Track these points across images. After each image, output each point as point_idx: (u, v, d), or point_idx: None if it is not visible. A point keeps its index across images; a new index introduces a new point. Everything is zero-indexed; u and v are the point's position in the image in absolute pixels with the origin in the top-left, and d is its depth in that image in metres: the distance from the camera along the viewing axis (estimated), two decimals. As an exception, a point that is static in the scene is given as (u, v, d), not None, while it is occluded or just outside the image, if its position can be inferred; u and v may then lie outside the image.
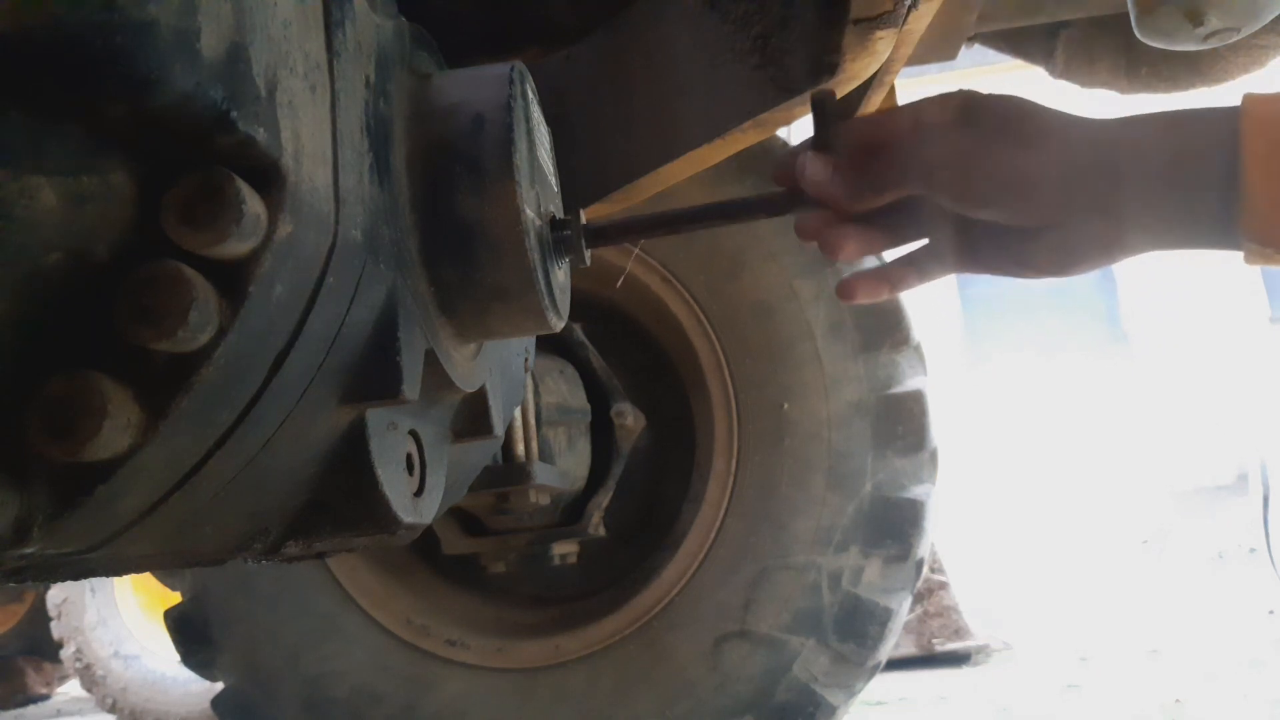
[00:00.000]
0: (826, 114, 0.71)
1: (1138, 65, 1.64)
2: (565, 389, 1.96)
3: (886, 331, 1.82)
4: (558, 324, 0.67)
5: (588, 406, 2.03)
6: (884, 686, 3.17)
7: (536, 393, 1.84)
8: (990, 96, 0.66)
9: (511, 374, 0.85)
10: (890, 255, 0.81)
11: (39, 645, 3.95)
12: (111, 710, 3.57)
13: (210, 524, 0.52)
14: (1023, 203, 0.63)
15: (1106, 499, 7.48)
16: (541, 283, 0.63)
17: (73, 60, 0.35)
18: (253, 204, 0.40)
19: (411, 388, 0.55)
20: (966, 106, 0.66)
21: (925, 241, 0.75)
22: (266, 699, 1.84)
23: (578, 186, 0.99)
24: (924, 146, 0.66)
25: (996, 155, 0.63)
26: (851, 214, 0.71)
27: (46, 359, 0.38)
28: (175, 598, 1.88)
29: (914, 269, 0.76)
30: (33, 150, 0.36)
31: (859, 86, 0.93)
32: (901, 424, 1.81)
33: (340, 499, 0.56)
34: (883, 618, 1.80)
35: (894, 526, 1.79)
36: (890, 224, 0.73)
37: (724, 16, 0.91)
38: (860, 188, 0.68)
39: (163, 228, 0.39)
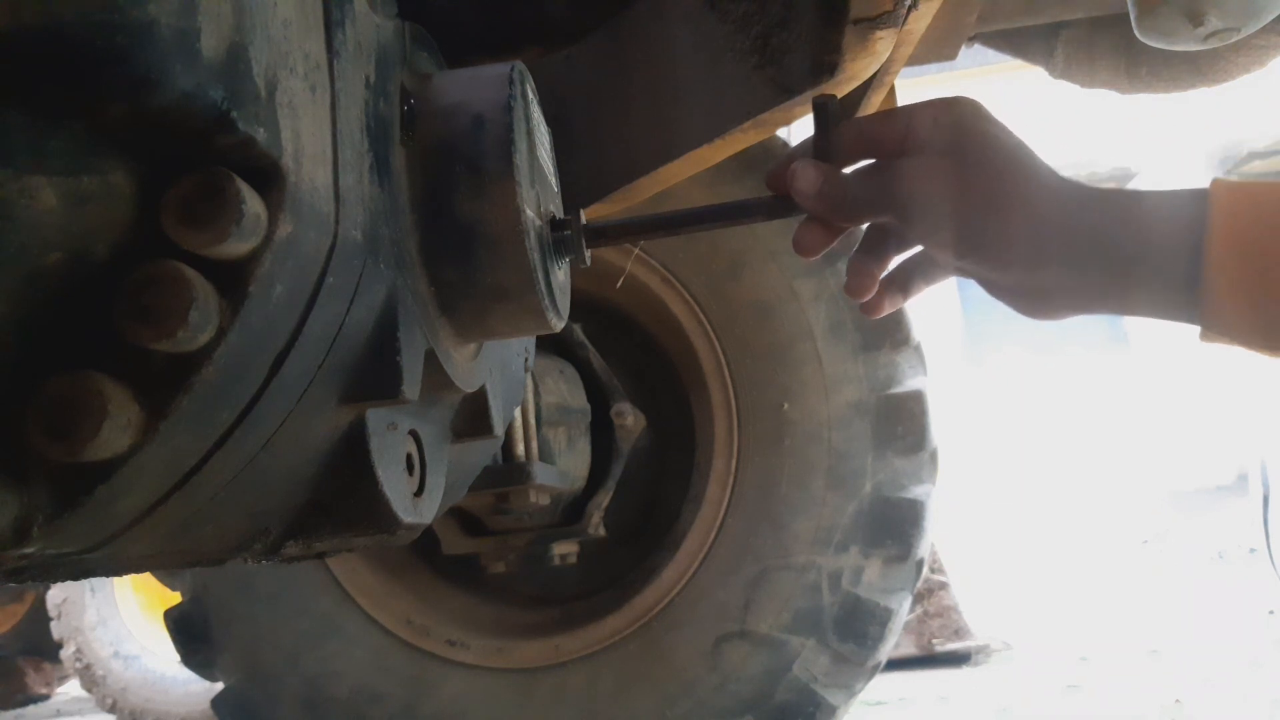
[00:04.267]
0: (828, 120, 0.70)
1: (1138, 65, 1.64)
2: (565, 389, 1.96)
3: (886, 331, 1.82)
4: (558, 324, 0.67)
5: (588, 406, 2.03)
6: (884, 686, 3.17)
7: (536, 393, 1.84)
8: (981, 133, 0.64)
9: (511, 374, 0.85)
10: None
11: (39, 645, 3.94)
12: (111, 710, 3.56)
13: (210, 524, 0.52)
14: (985, 263, 0.65)
15: (1106, 499, 7.48)
16: (541, 283, 0.63)
17: (73, 60, 0.35)
18: (253, 204, 0.40)
19: (411, 388, 0.55)
20: (957, 135, 0.64)
21: None
22: (266, 699, 1.84)
23: (578, 186, 0.99)
24: (901, 179, 0.66)
25: (967, 212, 0.63)
26: (840, 226, 0.71)
27: (46, 359, 0.38)
28: (175, 598, 1.88)
29: (919, 274, 0.76)
30: (33, 150, 0.36)
31: (859, 86, 0.93)
32: (901, 424, 1.81)
33: (340, 499, 0.56)
34: (883, 618, 1.80)
35: (894, 526, 1.79)
36: (897, 232, 0.74)
37: (724, 16, 0.91)
38: (841, 208, 0.68)
39: (163, 228, 0.39)
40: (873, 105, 1.29)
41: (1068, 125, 10.47)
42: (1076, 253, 0.61)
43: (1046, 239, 0.62)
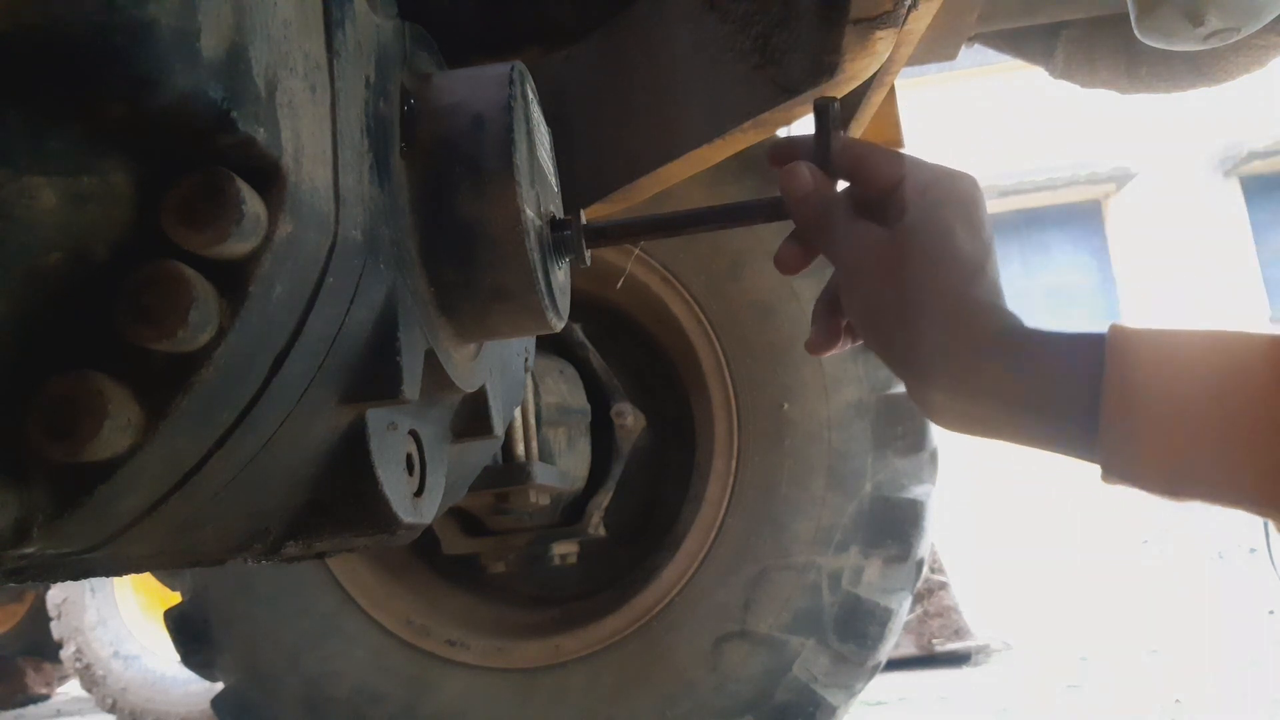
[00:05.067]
0: (828, 123, 0.70)
1: (1138, 65, 1.64)
2: (565, 389, 1.96)
3: (886, 331, 1.81)
4: (558, 324, 0.67)
5: (588, 406, 2.03)
6: (884, 686, 3.17)
7: (536, 393, 1.84)
8: (945, 229, 0.63)
9: (511, 374, 0.85)
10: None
11: (39, 645, 3.94)
12: (111, 710, 3.56)
13: (210, 524, 0.52)
14: (883, 359, 0.66)
15: (1107, 498, 7.48)
16: (541, 283, 0.63)
17: (73, 60, 0.35)
18: (253, 204, 0.40)
19: (411, 388, 0.55)
20: (924, 221, 0.64)
21: None
22: (266, 699, 1.84)
23: (578, 186, 0.99)
24: (852, 238, 0.65)
25: (882, 308, 0.64)
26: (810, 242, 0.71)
27: (46, 359, 0.38)
28: (175, 598, 1.88)
29: None
30: (33, 150, 0.36)
31: (859, 86, 0.93)
32: (901, 424, 1.81)
33: (340, 499, 0.56)
34: (883, 618, 1.80)
35: (894, 526, 1.79)
36: None
37: (724, 16, 0.91)
38: (817, 224, 0.68)
39: (163, 228, 0.39)
40: (873, 105, 1.29)
41: (1068, 125, 10.46)
42: (969, 384, 0.61)
43: (940, 364, 0.62)
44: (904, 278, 0.63)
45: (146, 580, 3.60)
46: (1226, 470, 0.54)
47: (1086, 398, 0.57)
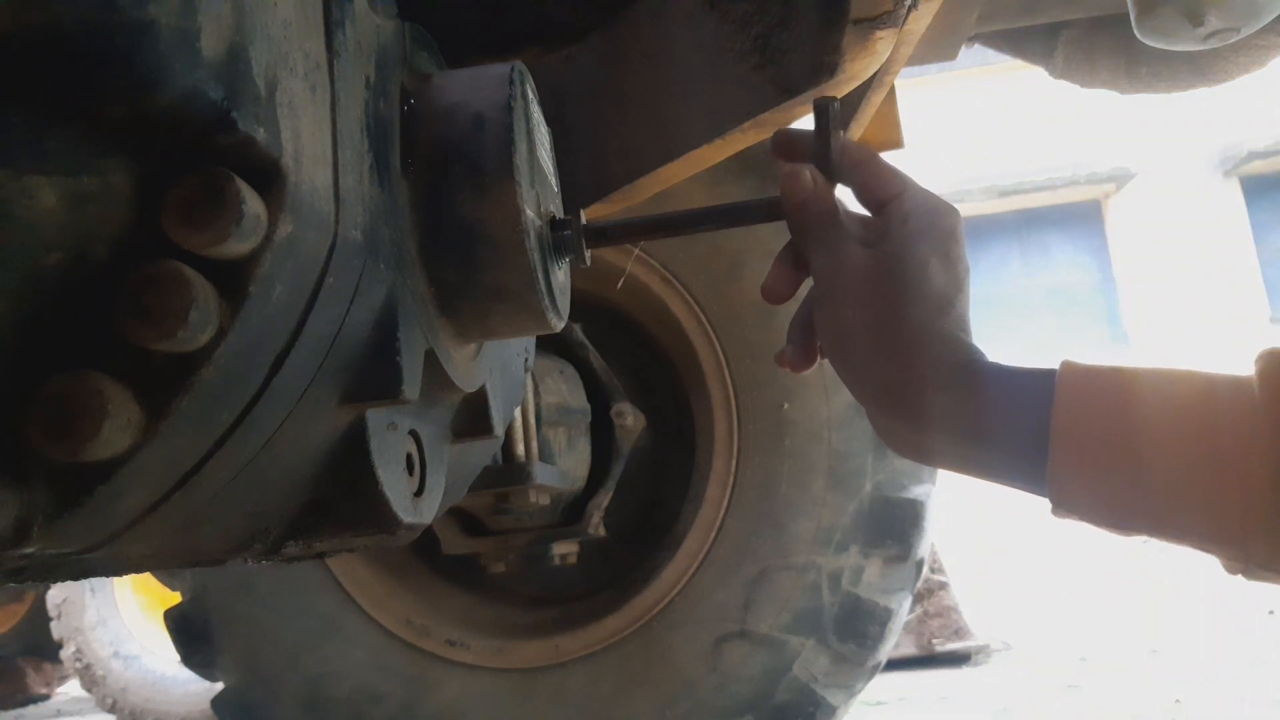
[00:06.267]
0: (828, 123, 0.70)
1: (1138, 65, 1.64)
2: (565, 389, 1.96)
3: (886, 331, 1.81)
4: (558, 324, 0.67)
5: (588, 406, 2.03)
6: (884, 686, 3.18)
7: (536, 393, 1.84)
8: (919, 261, 0.63)
9: (511, 374, 0.85)
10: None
11: (39, 645, 3.95)
12: (111, 710, 3.57)
13: (210, 524, 0.52)
14: (847, 385, 0.66)
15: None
16: (542, 283, 0.63)
17: (73, 60, 0.35)
18: (253, 204, 0.40)
19: (411, 388, 0.55)
20: (902, 248, 0.64)
21: None
22: (266, 699, 1.84)
23: (578, 186, 0.99)
24: (838, 262, 0.65)
25: (847, 334, 0.64)
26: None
27: (46, 359, 0.38)
28: (175, 598, 1.88)
29: None
30: (33, 150, 0.36)
31: (859, 86, 0.93)
32: (901, 424, 1.80)
33: (340, 499, 0.56)
34: (883, 618, 1.80)
35: (894, 526, 1.79)
36: None
37: (724, 16, 0.91)
38: (811, 231, 0.68)
39: (163, 228, 0.39)
40: (873, 105, 1.29)
41: (1068, 125, 10.46)
42: (924, 415, 0.62)
43: (897, 392, 0.63)
44: (874, 305, 0.63)
45: (146, 580, 3.60)
46: (1172, 508, 0.54)
47: (1036, 433, 0.57)
